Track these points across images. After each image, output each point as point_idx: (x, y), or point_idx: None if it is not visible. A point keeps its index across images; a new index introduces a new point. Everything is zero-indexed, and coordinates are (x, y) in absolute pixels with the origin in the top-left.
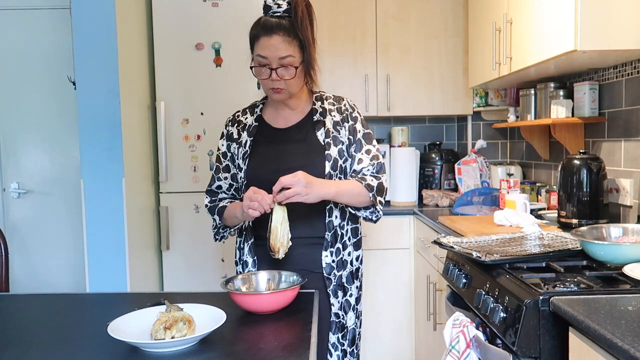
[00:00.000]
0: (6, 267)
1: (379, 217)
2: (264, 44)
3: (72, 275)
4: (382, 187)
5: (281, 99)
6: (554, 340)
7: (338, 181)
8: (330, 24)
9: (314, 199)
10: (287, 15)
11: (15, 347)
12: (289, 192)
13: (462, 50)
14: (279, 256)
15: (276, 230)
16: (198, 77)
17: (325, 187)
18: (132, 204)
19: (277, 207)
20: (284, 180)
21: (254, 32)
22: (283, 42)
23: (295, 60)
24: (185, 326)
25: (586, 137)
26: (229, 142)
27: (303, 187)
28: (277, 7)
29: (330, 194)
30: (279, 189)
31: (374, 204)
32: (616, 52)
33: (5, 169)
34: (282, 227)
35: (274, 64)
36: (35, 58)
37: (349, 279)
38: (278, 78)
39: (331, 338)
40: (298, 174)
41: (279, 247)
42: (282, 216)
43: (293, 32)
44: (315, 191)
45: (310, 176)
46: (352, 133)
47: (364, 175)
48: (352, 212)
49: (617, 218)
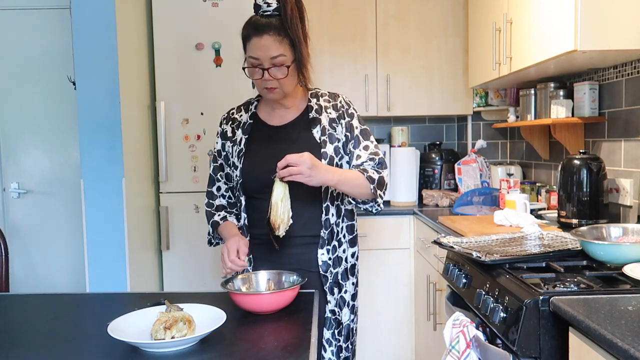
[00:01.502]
0: (6, 267)
1: (379, 210)
2: (255, 45)
3: (72, 275)
4: (383, 181)
5: (275, 98)
6: (554, 340)
7: (342, 170)
8: (330, 24)
9: (316, 182)
10: (277, 14)
11: (15, 347)
12: (293, 170)
13: (462, 50)
14: (279, 233)
15: (276, 207)
16: (198, 77)
17: (328, 173)
18: (132, 204)
19: (279, 183)
20: (290, 159)
21: (245, 33)
22: (274, 41)
23: (287, 59)
24: (185, 326)
25: (586, 137)
26: (224, 141)
27: (307, 169)
28: (266, 5)
29: (332, 181)
30: (283, 165)
31: (375, 197)
32: (616, 52)
33: (5, 169)
34: (282, 203)
35: (265, 64)
36: (35, 58)
37: (344, 275)
38: (271, 78)
39: (325, 334)
40: (305, 154)
41: (279, 223)
42: (282, 193)
43: (283, 30)
44: (319, 175)
45: (316, 159)
46: (349, 130)
47: (365, 168)
48: (353, 202)
49: (617, 218)
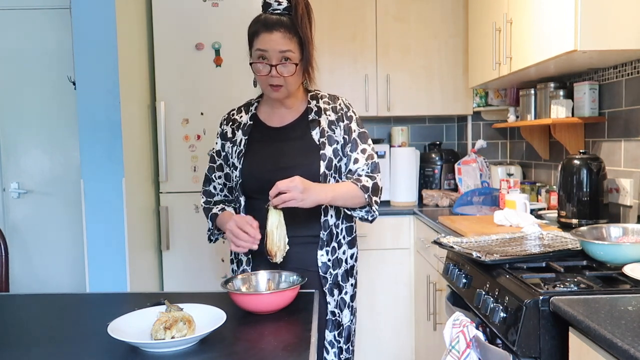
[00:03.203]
0: (6, 267)
1: (375, 216)
2: (265, 39)
3: (72, 275)
4: (377, 187)
5: (279, 97)
6: (554, 340)
7: (334, 185)
8: (330, 24)
9: (310, 204)
10: (287, 13)
11: (15, 347)
12: (286, 197)
13: (462, 50)
14: (277, 260)
15: (272, 234)
16: (198, 77)
17: (321, 193)
18: (132, 204)
19: (273, 211)
20: (281, 185)
21: (253, 29)
22: (283, 38)
23: (295, 56)
24: (185, 326)
25: (586, 137)
26: (223, 142)
27: (299, 193)
28: (277, 4)
29: (326, 200)
30: (275, 193)
31: (370, 204)
32: (616, 52)
33: (5, 169)
34: (277, 230)
35: (273, 60)
36: (35, 58)
37: (344, 277)
38: (278, 75)
39: (327, 336)
40: (295, 179)
41: (275, 251)
42: (277, 220)
43: (293, 29)
44: (312, 197)
45: (307, 181)
46: (347, 132)
47: (359, 177)
48: (348, 212)
49: (617, 218)
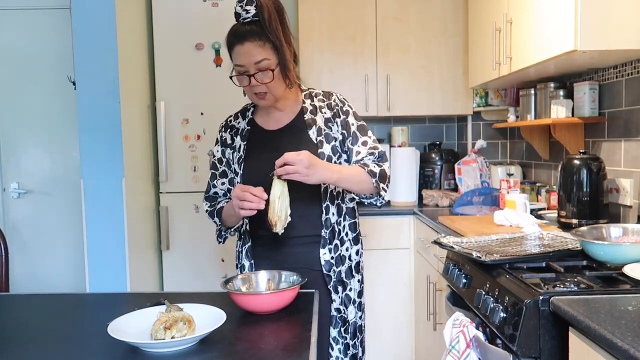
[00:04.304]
0: (6, 267)
1: (383, 202)
2: (238, 52)
3: (72, 275)
4: (385, 173)
5: (267, 104)
6: (554, 340)
7: (342, 167)
8: (330, 24)
9: (314, 181)
10: (257, 20)
11: (15, 346)
12: (290, 169)
13: (462, 50)
14: (277, 230)
15: (274, 204)
16: (198, 77)
17: (327, 171)
18: (132, 203)
19: (277, 181)
20: (288, 157)
21: (228, 42)
22: (255, 47)
23: (271, 62)
24: (185, 326)
25: (586, 137)
26: (224, 148)
27: (304, 168)
28: (245, 13)
29: (332, 179)
30: (281, 163)
31: (378, 190)
32: (616, 52)
33: (5, 169)
34: (279, 200)
35: (251, 70)
36: (35, 58)
37: (347, 273)
38: (258, 83)
39: (332, 332)
40: (302, 153)
41: (276, 220)
42: (280, 190)
43: (264, 35)
44: (317, 174)
45: (315, 158)
46: (345, 127)
47: (366, 162)
48: (356, 197)
49: (617, 218)
